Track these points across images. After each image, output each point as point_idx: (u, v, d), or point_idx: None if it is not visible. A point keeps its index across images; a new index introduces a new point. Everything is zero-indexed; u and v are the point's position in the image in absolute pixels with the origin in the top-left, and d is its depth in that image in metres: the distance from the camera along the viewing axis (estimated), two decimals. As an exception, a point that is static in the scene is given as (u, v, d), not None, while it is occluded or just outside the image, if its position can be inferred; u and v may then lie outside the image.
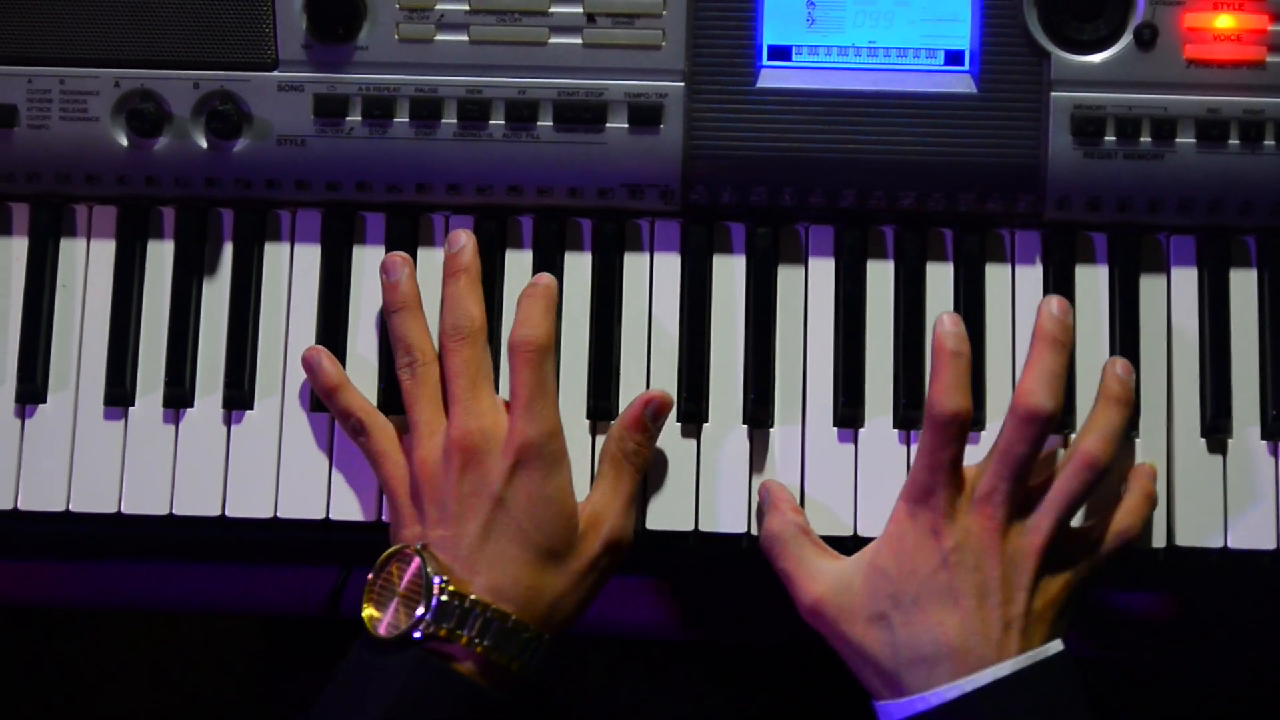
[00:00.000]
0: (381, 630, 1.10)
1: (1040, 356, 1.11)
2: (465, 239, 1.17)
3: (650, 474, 1.18)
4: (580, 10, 1.18)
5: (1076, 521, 1.14)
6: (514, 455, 1.11)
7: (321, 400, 1.18)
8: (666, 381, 1.19)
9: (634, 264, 1.21)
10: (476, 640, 1.09)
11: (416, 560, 1.10)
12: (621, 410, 1.17)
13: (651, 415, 1.16)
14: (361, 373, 1.19)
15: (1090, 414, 1.13)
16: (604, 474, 1.16)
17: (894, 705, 1.08)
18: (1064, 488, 1.10)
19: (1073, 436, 1.16)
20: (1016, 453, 1.09)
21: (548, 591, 1.11)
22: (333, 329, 1.20)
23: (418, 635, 1.09)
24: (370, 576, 1.11)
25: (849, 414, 1.18)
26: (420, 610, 1.09)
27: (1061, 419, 1.15)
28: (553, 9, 1.18)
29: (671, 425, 1.18)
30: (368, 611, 1.10)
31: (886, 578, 1.09)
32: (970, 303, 1.19)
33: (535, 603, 1.11)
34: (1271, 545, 1.17)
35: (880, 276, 1.20)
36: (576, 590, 1.13)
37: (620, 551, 1.15)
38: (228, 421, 1.20)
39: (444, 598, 1.09)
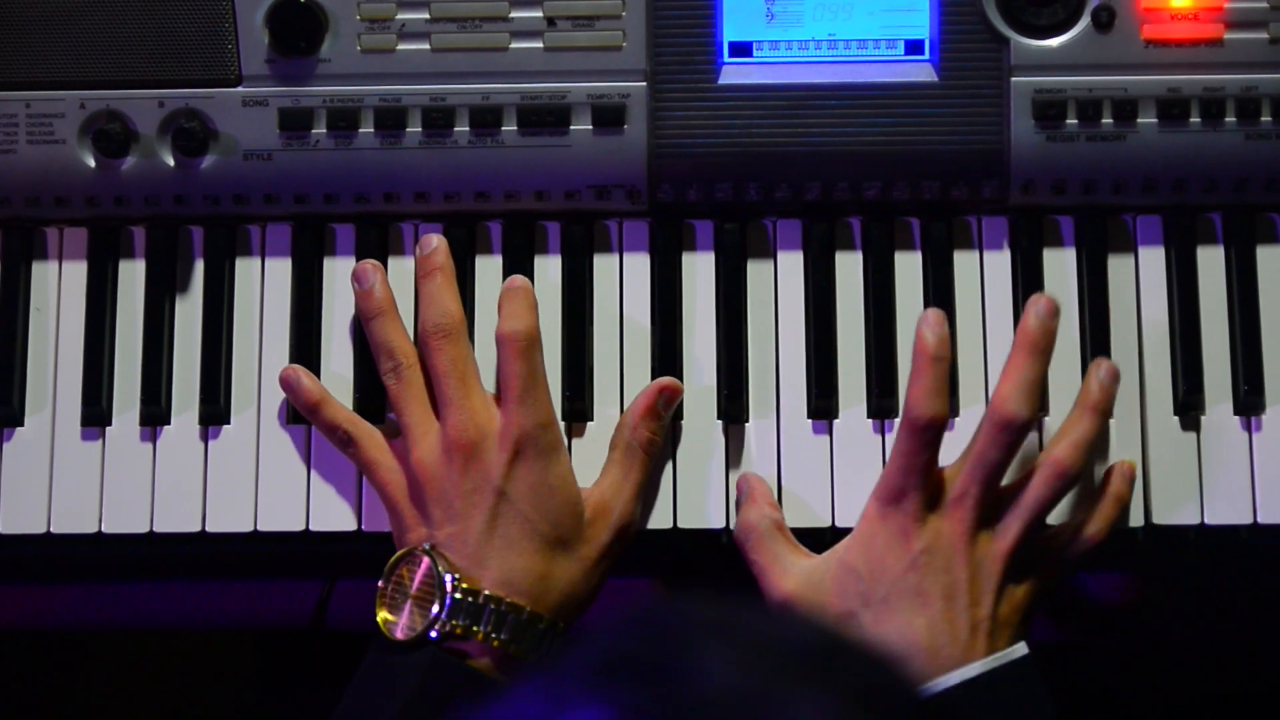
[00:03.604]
0: (398, 634, 1.10)
1: (1019, 363, 1.11)
2: (437, 241, 1.17)
3: (627, 473, 1.18)
4: (540, 14, 1.19)
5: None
6: (512, 447, 1.12)
7: (305, 417, 1.18)
8: (640, 381, 1.19)
9: (604, 265, 1.21)
10: (493, 635, 1.09)
11: (426, 560, 1.10)
12: (631, 402, 1.17)
13: (665, 403, 1.17)
14: (336, 384, 1.19)
15: (1066, 420, 1.14)
16: (615, 462, 1.16)
17: None
18: (1034, 495, 1.11)
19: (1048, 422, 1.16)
20: (989, 459, 1.10)
21: (559, 580, 1.12)
22: (305, 341, 1.20)
23: (434, 635, 1.09)
24: (380, 583, 1.11)
25: (823, 405, 1.19)
26: (435, 609, 1.09)
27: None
28: (513, 14, 1.19)
29: (646, 423, 1.19)
30: (382, 616, 1.11)
31: (856, 576, 1.10)
32: (939, 290, 1.20)
33: (548, 592, 1.11)
34: (1248, 519, 1.17)
35: (849, 268, 1.21)
36: (589, 578, 1.13)
37: (628, 539, 1.16)
38: (205, 437, 1.20)
39: (457, 595, 1.09)
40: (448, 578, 1.09)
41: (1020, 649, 1.09)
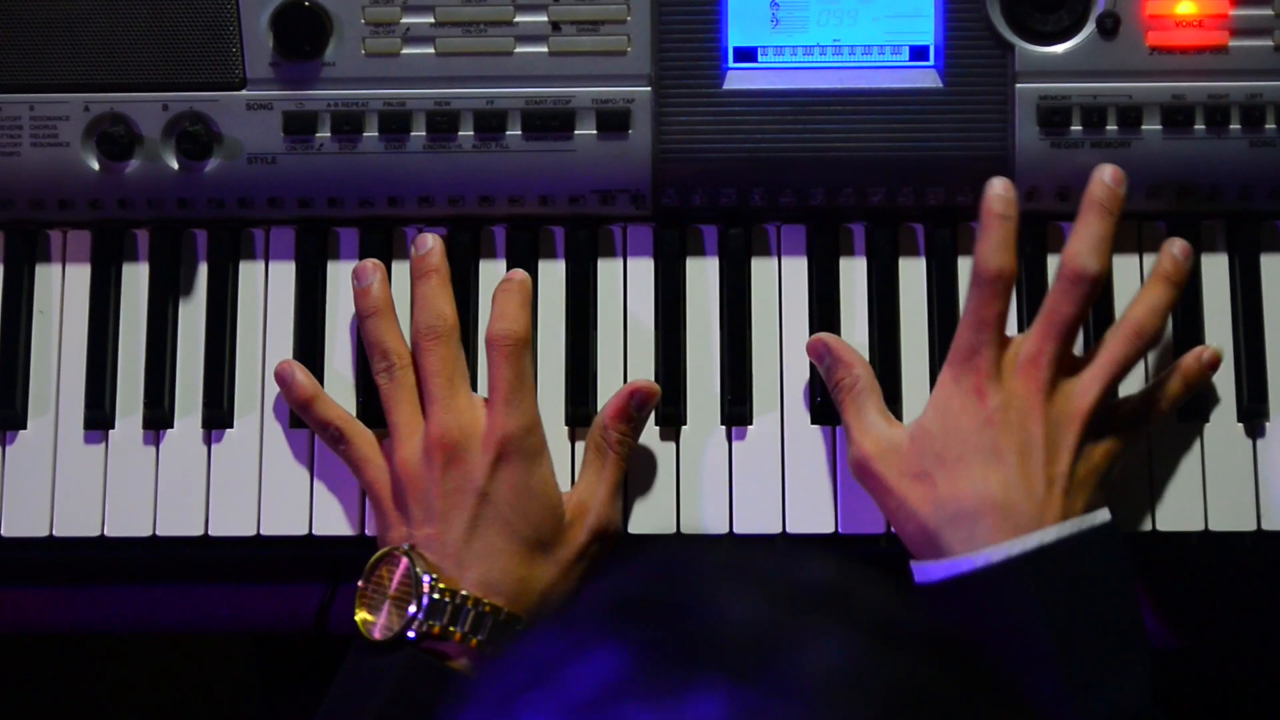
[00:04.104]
0: (376, 634, 1.10)
1: (1088, 221, 1.12)
2: (433, 241, 1.17)
3: (631, 477, 1.18)
4: (545, 19, 1.19)
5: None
6: (495, 449, 1.12)
7: (298, 413, 1.18)
8: (644, 385, 1.19)
9: (608, 270, 1.21)
10: (470, 635, 1.09)
11: (405, 560, 1.10)
12: (605, 401, 1.17)
13: (636, 406, 1.16)
14: (339, 386, 1.19)
15: (1142, 288, 1.14)
16: (588, 463, 1.16)
17: (933, 565, 1.08)
18: (1111, 354, 1.11)
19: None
20: (1062, 314, 1.10)
21: (538, 583, 1.12)
22: (309, 344, 1.20)
23: (411, 635, 1.09)
24: (360, 582, 1.11)
25: (826, 411, 1.19)
26: (412, 609, 1.09)
27: None
28: (518, 19, 1.19)
29: (650, 428, 1.19)
30: (361, 616, 1.10)
31: (931, 438, 1.10)
32: (943, 296, 1.20)
33: (527, 595, 1.11)
34: (1252, 526, 1.17)
35: (853, 274, 1.21)
36: (567, 580, 1.13)
37: (608, 539, 1.15)
38: (208, 441, 1.20)
39: (435, 595, 1.09)
40: (425, 578, 1.09)
41: (1103, 514, 1.09)
